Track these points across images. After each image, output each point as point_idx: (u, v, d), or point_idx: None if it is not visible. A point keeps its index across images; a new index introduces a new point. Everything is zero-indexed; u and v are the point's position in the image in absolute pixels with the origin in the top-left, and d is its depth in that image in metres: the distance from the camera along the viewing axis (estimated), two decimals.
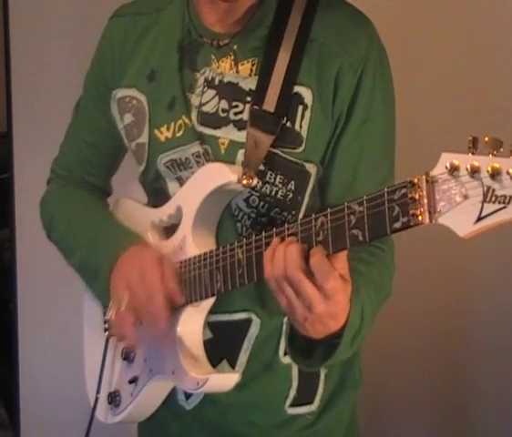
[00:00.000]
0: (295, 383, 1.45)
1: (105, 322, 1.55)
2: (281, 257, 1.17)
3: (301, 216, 1.39)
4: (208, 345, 1.40)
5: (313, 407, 1.47)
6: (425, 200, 1.02)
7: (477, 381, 2.54)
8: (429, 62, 2.40)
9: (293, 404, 1.46)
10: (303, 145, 1.36)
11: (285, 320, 1.43)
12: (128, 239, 1.45)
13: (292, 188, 1.37)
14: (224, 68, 1.40)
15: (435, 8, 2.38)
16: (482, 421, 2.53)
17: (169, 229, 1.45)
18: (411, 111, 2.18)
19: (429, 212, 1.02)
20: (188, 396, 1.47)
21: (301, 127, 1.35)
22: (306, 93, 1.35)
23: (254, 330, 1.43)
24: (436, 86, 2.41)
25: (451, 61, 2.40)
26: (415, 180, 1.03)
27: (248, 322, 1.42)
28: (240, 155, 1.36)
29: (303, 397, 1.46)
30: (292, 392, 1.45)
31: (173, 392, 1.47)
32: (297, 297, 1.17)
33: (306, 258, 1.16)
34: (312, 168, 1.37)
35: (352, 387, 1.50)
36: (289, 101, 1.34)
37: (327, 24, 1.37)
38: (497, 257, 2.43)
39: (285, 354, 1.44)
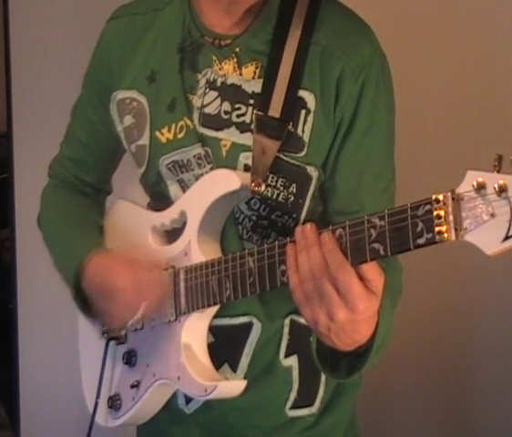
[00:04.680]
0: (296, 386, 1.45)
1: (102, 325, 1.55)
2: (306, 257, 1.13)
3: (302, 219, 1.39)
4: (210, 349, 1.39)
5: (314, 409, 1.47)
6: (451, 218, 1.01)
7: (478, 382, 2.54)
8: (429, 67, 2.40)
9: (294, 407, 1.45)
10: (305, 149, 1.35)
11: (286, 321, 1.44)
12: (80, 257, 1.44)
13: (294, 190, 1.37)
14: (227, 70, 1.39)
15: (438, 11, 2.38)
16: (483, 422, 2.53)
17: (171, 234, 1.44)
18: (408, 116, 2.18)
19: (455, 229, 1.01)
20: (188, 400, 1.46)
21: (303, 131, 1.35)
22: (309, 97, 1.35)
23: (255, 334, 1.42)
24: (436, 91, 2.41)
25: (451, 66, 2.40)
26: (440, 197, 1.02)
27: (249, 326, 1.42)
28: (242, 157, 1.36)
29: (304, 399, 1.46)
30: (293, 395, 1.45)
31: (173, 396, 1.46)
32: (320, 303, 1.12)
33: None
34: (313, 172, 1.37)
35: (352, 388, 1.50)
36: (293, 106, 1.34)
37: (329, 27, 1.36)
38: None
39: (286, 357, 1.44)
